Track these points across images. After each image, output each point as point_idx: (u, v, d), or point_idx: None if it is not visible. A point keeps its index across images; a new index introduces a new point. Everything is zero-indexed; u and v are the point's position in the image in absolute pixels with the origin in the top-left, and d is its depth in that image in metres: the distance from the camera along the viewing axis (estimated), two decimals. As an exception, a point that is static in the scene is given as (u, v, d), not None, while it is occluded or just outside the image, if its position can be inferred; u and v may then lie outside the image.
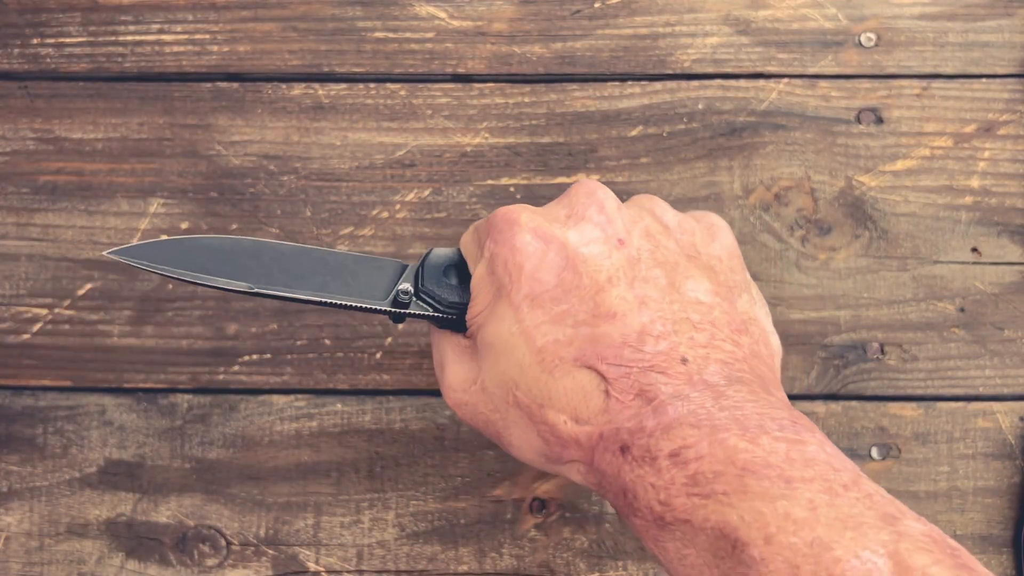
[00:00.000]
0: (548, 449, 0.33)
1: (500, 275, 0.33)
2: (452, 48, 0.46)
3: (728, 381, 0.31)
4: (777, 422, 0.29)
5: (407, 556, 0.45)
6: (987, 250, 0.45)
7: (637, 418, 0.30)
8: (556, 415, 0.32)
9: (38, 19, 0.46)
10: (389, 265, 0.38)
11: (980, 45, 0.46)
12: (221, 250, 0.36)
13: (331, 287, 0.37)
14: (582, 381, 0.32)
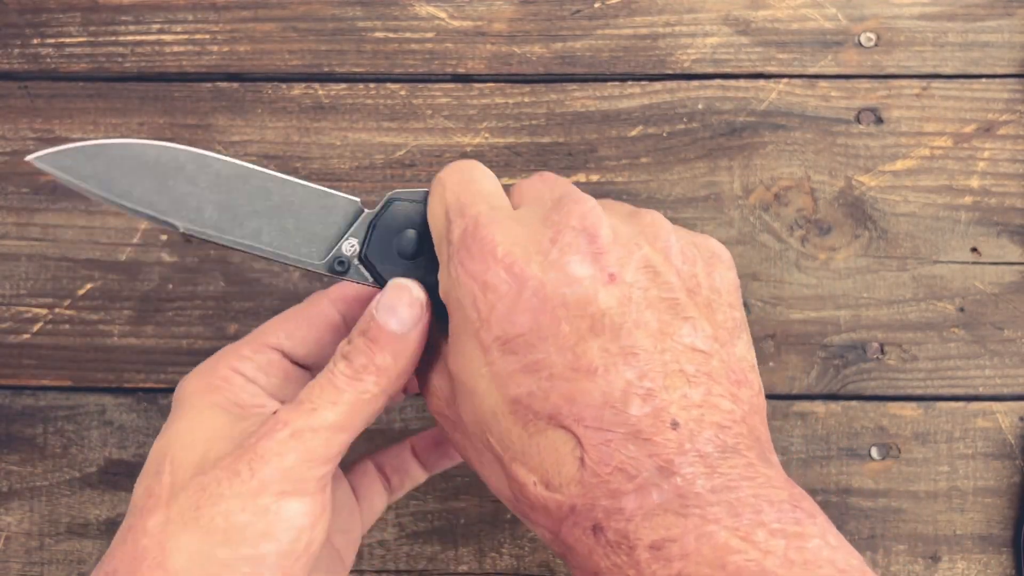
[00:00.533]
0: (516, 504, 0.30)
1: (468, 308, 0.29)
2: (452, 48, 0.46)
3: (723, 451, 0.27)
4: (776, 507, 0.26)
5: (407, 556, 0.45)
6: (987, 250, 0.45)
7: (615, 496, 0.26)
8: (526, 474, 0.28)
9: (38, 19, 0.46)
10: (342, 206, 0.33)
11: (980, 45, 0.46)
12: (157, 166, 0.31)
13: (265, 234, 0.32)
14: (556, 442, 0.28)
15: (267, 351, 0.35)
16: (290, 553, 0.30)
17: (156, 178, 0.31)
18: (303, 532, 0.30)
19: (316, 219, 0.32)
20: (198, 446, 0.31)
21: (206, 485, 0.30)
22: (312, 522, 0.31)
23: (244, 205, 0.32)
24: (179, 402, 0.34)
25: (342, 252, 0.32)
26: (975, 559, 0.45)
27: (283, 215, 0.32)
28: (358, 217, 0.33)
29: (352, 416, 0.31)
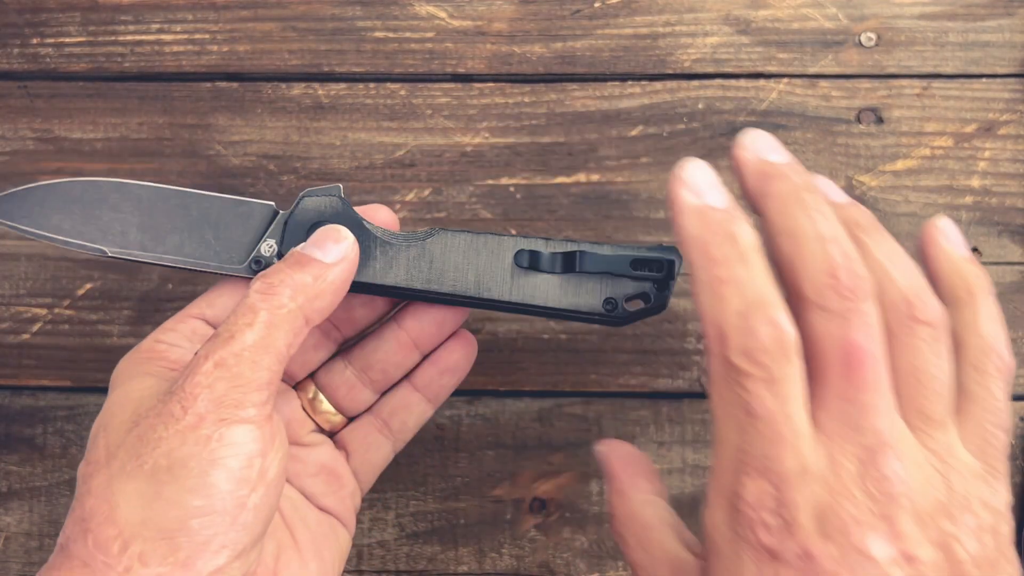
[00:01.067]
0: None
1: (747, 565, 0.26)
2: (452, 48, 0.46)
3: None
4: None
5: (407, 556, 0.45)
6: (987, 250, 0.45)
7: None
8: None
9: (38, 19, 0.46)
10: (257, 212, 0.34)
11: (980, 45, 0.46)
12: (81, 201, 0.33)
13: (187, 247, 0.34)
14: None
15: (188, 319, 0.35)
16: (243, 481, 0.30)
17: (83, 210, 0.33)
18: (253, 459, 0.30)
19: (235, 227, 0.34)
20: (128, 407, 0.31)
21: (143, 434, 0.30)
22: (262, 448, 0.30)
23: (165, 223, 0.34)
24: (111, 384, 0.34)
25: (260, 253, 0.34)
26: (976, 559, 0.45)
27: (202, 227, 0.34)
28: (273, 218, 0.34)
29: (271, 333, 0.31)
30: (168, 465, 0.29)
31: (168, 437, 0.29)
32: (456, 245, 0.35)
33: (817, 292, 0.26)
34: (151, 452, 0.29)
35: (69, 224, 0.33)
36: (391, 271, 0.34)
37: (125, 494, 0.29)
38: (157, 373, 0.33)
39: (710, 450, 0.44)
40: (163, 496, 0.29)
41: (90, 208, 0.33)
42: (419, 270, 0.34)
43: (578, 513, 0.45)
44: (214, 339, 0.31)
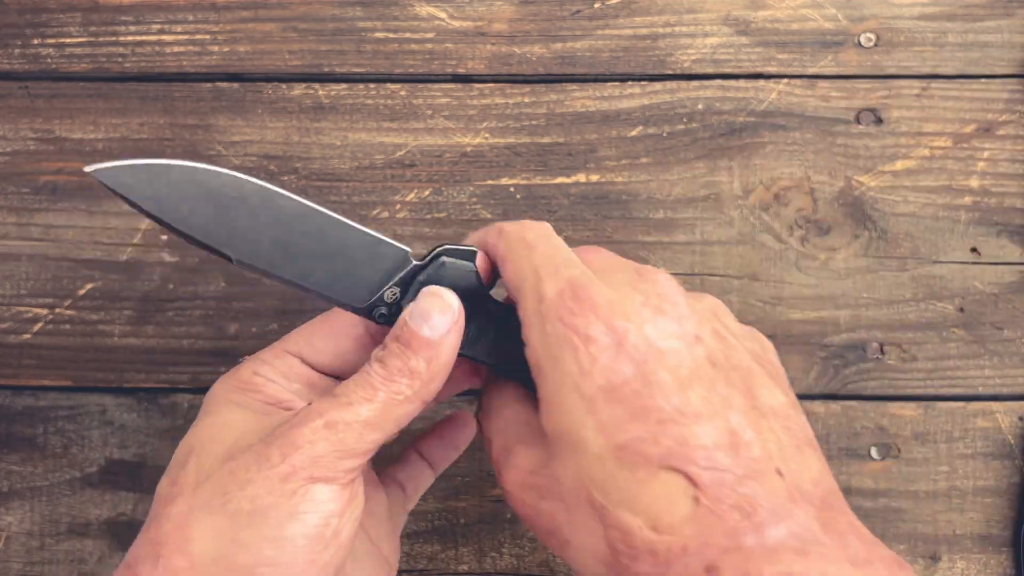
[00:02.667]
0: (613, 559, 0.29)
1: (567, 362, 0.30)
2: (452, 48, 0.46)
3: (824, 504, 0.28)
4: (885, 563, 0.26)
5: (407, 556, 0.45)
6: (986, 250, 0.45)
7: (733, 534, 0.27)
8: (632, 519, 0.28)
9: (38, 19, 0.46)
10: (391, 254, 0.33)
11: (979, 45, 0.46)
12: (219, 196, 0.30)
13: (315, 274, 0.32)
14: (667, 484, 0.28)
15: (287, 356, 0.35)
16: (318, 538, 0.30)
17: (217, 207, 0.30)
18: (331, 517, 0.30)
19: (365, 264, 0.33)
20: (226, 438, 0.32)
21: (235, 470, 0.30)
22: (341, 508, 0.31)
23: (299, 244, 0.32)
24: (205, 404, 0.35)
25: (383, 299, 0.33)
26: (975, 559, 0.45)
27: (334, 257, 0.32)
28: (405, 266, 0.33)
29: (385, 415, 0.31)
30: (251, 510, 0.30)
31: (258, 481, 0.30)
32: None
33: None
34: (237, 492, 0.30)
35: (198, 219, 0.30)
36: (500, 345, 0.34)
37: (203, 529, 0.30)
38: (254, 407, 0.34)
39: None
40: (239, 539, 0.30)
41: (224, 208, 0.30)
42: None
43: (578, 513, 0.45)
44: (331, 399, 0.31)
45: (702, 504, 0.27)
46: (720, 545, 0.27)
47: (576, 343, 0.30)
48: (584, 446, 0.29)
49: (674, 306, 0.31)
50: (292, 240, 0.32)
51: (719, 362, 0.30)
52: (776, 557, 0.26)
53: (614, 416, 0.29)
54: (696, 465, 0.28)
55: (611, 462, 0.29)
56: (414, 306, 0.32)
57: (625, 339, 0.29)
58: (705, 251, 0.45)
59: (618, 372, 0.29)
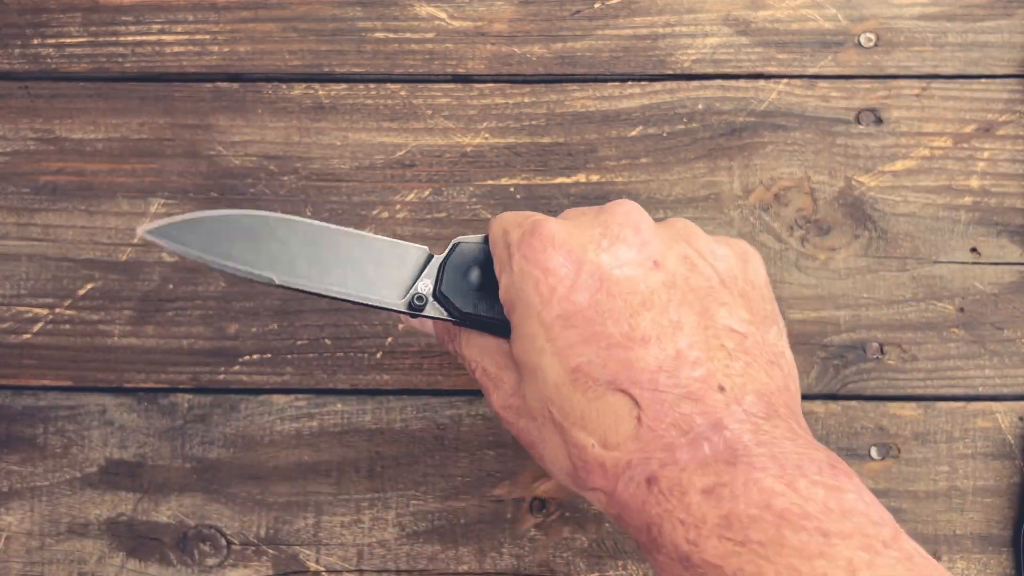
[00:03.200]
0: (575, 472, 0.32)
1: (530, 294, 0.32)
2: (452, 48, 0.46)
3: (766, 414, 0.30)
4: (815, 464, 0.28)
5: (407, 556, 0.45)
6: (986, 250, 0.45)
7: (670, 449, 0.29)
8: (585, 437, 0.31)
9: (39, 19, 0.46)
10: (413, 255, 0.36)
11: (979, 45, 0.46)
12: (251, 231, 0.35)
13: (351, 282, 0.35)
14: (614, 404, 0.30)
15: None
16: None
17: (251, 241, 0.35)
18: None
19: (392, 266, 0.36)
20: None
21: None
22: None
23: (330, 258, 0.35)
24: None
25: (419, 291, 0.36)
26: (975, 559, 0.45)
27: (364, 264, 0.36)
28: (428, 262, 0.36)
29: None
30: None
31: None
32: None
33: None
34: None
35: (238, 252, 0.35)
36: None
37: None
38: None
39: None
40: None
41: (257, 240, 0.35)
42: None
43: (578, 512, 0.45)
44: None
45: (643, 423, 0.30)
46: (659, 459, 0.29)
47: (537, 275, 0.32)
48: (544, 371, 0.32)
49: (636, 233, 0.32)
50: (322, 256, 0.35)
51: (677, 284, 0.32)
52: (707, 469, 0.28)
53: (569, 342, 0.31)
54: (639, 387, 0.30)
55: (567, 385, 0.31)
56: None
57: (581, 269, 0.31)
58: (705, 251, 0.45)
59: (573, 301, 0.31)
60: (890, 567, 0.25)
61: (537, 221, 0.33)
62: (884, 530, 0.27)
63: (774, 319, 0.33)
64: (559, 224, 0.33)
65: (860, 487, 0.28)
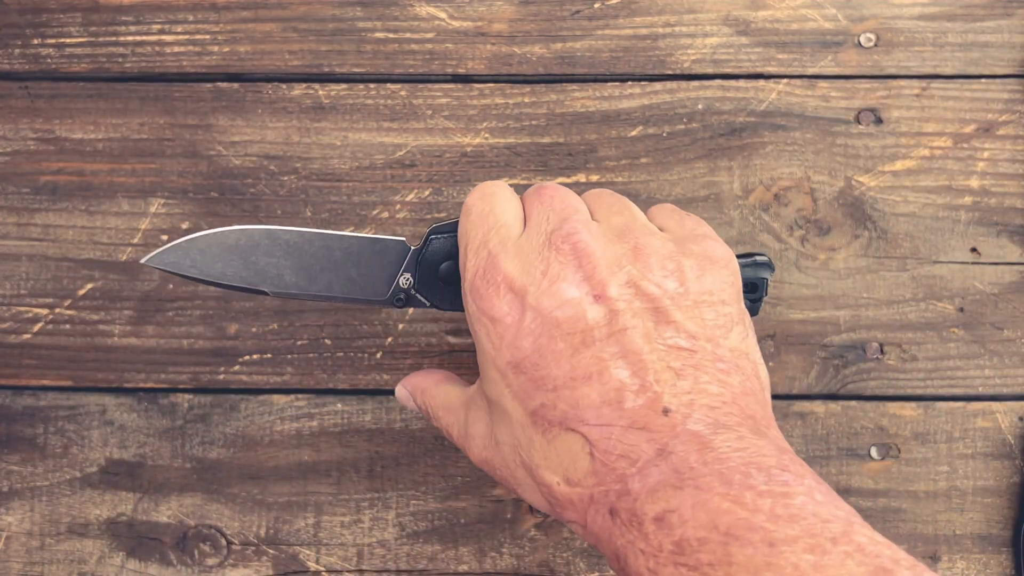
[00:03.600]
0: (551, 508, 0.33)
1: (483, 340, 0.33)
2: (452, 48, 0.46)
3: (714, 428, 0.30)
4: (764, 472, 0.28)
5: (407, 556, 0.45)
6: (986, 250, 0.45)
7: (622, 480, 0.30)
8: (551, 476, 0.32)
9: (39, 19, 0.46)
10: (392, 249, 0.37)
11: (979, 45, 0.46)
12: (238, 247, 0.37)
13: (336, 285, 0.37)
14: (569, 443, 0.31)
15: None
16: None
17: (240, 257, 0.37)
18: None
19: (374, 263, 0.37)
20: None
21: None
22: None
23: (314, 264, 0.37)
24: None
25: (399, 287, 0.37)
26: (975, 559, 0.45)
27: (347, 266, 0.37)
28: (407, 254, 0.37)
29: None
30: None
31: None
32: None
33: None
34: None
35: (231, 270, 0.37)
36: None
37: None
38: None
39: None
40: None
41: (246, 255, 0.37)
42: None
43: (578, 513, 0.45)
44: None
45: (596, 458, 0.30)
46: (615, 491, 0.30)
47: (486, 323, 0.33)
48: (509, 412, 0.33)
49: (577, 268, 0.32)
50: (307, 263, 0.37)
51: (620, 312, 0.32)
52: (656, 496, 0.28)
53: (523, 386, 0.32)
54: (586, 424, 0.31)
55: (528, 427, 0.32)
56: None
57: (524, 314, 0.32)
58: (705, 251, 0.45)
59: (519, 347, 0.32)
60: (838, 565, 0.25)
61: (488, 260, 0.33)
62: (833, 526, 0.27)
63: (736, 320, 0.33)
64: (508, 264, 0.33)
65: (811, 487, 0.28)
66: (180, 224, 0.46)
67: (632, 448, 0.30)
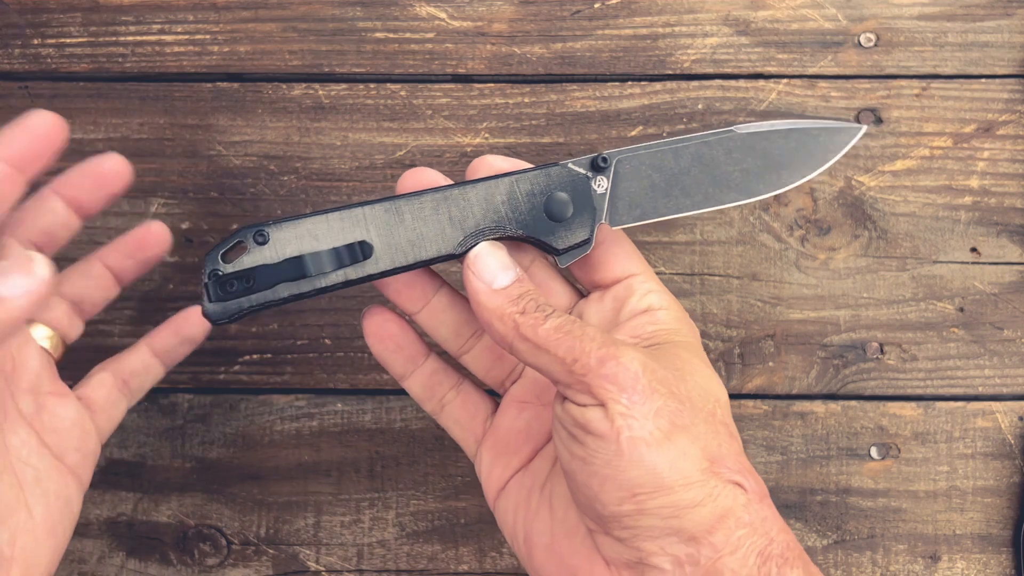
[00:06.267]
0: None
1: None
2: (452, 48, 0.46)
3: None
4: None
5: (407, 555, 0.45)
6: (986, 250, 0.45)
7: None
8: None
9: (39, 19, 0.46)
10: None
11: (979, 45, 0.46)
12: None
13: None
14: None
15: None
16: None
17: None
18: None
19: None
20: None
21: None
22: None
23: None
24: None
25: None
26: (975, 559, 0.45)
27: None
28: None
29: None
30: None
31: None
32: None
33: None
34: None
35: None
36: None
37: None
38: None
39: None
40: None
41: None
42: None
43: (578, 512, 0.45)
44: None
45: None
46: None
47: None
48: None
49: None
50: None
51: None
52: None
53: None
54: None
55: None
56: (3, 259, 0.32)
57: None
58: (705, 251, 0.46)
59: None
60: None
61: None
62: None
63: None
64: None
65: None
66: (180, 224, 0.46)
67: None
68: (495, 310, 0.32)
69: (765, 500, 0.32)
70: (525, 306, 0.32)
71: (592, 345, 0.31)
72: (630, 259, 0.36)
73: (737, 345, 0.45)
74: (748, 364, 0.45)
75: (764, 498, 0.32)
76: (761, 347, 0.45)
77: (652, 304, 0.35)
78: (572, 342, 0.31)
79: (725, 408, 0.33)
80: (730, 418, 0.33)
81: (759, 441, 0.45)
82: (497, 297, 0.33)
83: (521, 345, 0.32)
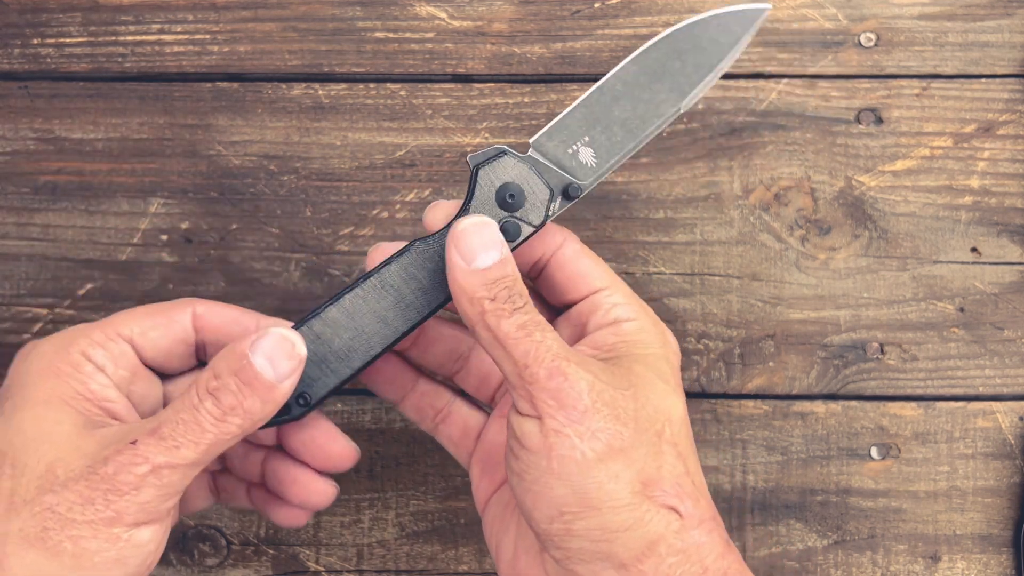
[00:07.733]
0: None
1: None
2: (452, 48, 0.46)
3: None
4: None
5: (407, 556, 0.45)
6: (987, 250, 0.45)
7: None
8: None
9: (38, 19, 0.46)
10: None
11: (980, 45, 0.46)
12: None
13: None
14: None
15: (120, 341, 0.35)
16: (135, 575, 0.31)
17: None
18: (150, 556, 0.32)
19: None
20: (45, 453, 0.31)
21: (55, 507, 0.30)
22: (158, 546, 0.32)
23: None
24: (22, 383, 0.33)
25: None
26: (975, 559, 0.45)
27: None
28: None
29: (211, 453, 0.31)
30: (73, 552, 0.30)
31: (81, 523, 0.30)
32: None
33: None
34: (59, 531, 0.30)
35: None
36: None
37: (22, 560, 0.30)
38: (77, 405, 0.33)
39: (707, 449, 0.44)
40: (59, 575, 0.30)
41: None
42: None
43: (578, 513, 0.45)
44: (157, 442, 0.31)
45: None
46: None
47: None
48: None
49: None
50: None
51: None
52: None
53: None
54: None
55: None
56: (260, 342, 0.32)
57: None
58: (705, 251, 0.45)
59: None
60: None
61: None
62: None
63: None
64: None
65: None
66: (180, 224, 0.46)
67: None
68: (468, 290, 0.32)
69: (704, 525, 0.31)
70: (498, 293, 0.32)
71: (547, 355, 0.31)
72: (593, 275, 0.36)
73: (737, 345, 0.45)
74: (748, 364, 0.45)
75: (703, 523, 0.31)
76: (761, 347, 0.45)
77: (619, 316, 0.35)
78: (529, 346, 0.31)
79: (678, 426, 0.33)
80: (683, 437, 0.33)
81: (759, 441, 0.45)
82: (473, 277, 0.32)
83: (483, 333, 0.32)
